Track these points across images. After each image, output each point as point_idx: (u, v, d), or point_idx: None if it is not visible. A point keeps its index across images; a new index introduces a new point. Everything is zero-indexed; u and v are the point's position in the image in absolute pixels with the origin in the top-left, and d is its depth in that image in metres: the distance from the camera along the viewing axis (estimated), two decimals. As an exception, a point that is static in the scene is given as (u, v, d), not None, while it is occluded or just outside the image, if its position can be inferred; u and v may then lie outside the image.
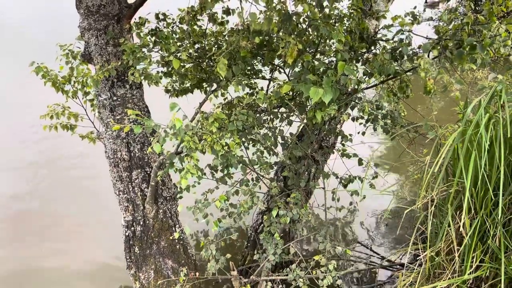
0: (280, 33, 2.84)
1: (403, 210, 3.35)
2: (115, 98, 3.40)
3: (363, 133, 3.71)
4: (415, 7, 3.18)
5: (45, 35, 10.35)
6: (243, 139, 3.47)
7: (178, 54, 3.16)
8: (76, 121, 3.70)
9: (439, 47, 2.72)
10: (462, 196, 3.04)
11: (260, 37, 2.74)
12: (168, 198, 3.60)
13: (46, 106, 3.61)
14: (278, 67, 3.78)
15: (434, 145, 3.05)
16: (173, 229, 3.60)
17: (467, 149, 2.73)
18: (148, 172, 3.49)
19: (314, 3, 2.76)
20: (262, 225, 3.97)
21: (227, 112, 3.65)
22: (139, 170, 3.48)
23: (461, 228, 2.89)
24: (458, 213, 3.13)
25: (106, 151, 3.53)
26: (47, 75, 3.46)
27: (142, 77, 3.21)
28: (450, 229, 3.02)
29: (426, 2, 15.71)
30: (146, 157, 3.49)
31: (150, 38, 3.48)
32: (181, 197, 3.73)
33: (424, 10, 14.38)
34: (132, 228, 3.53)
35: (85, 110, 3.75)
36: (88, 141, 3.77)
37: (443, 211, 3.24)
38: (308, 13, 2.65)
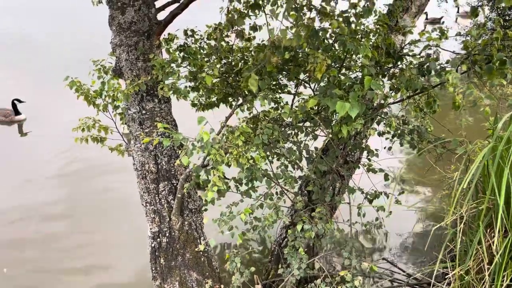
0: (307, 49, 2.87)
1: (430, 226, 3.29)
2: (144, 111, 3.49)
3: (390, 148, 3.68)
4: (442, 22, 3.17)
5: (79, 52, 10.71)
6: (268, 153, 3.49)
7: (208, 70, 3.23)
8: (106, 134, 3.80)
9: (468, 62, 2.70)
10: (493, 214, 2.97)
11: (290, 53, 2.78)
12: (193, 210, 3.64)
13: (78, 119, 3.73)
14: (303, 82, 3.81)
15: (464, 161, 3.00)
16: (198, 241, 3.63)
17: (498, 165, 2.67)
18: (175, 184, 3.55)
19: (341, 19, 2.79)
20: (286, 239, 3.96)
21: (252, 126, 3.69)
22: (166, 182, 3.54)
23: (492, 246, 2.82)
24: (488, 230, 3.06)
25: (134, 163, 3.61)
26: (80, 89, 3.58)
27: (171, 92, 3.29)
28: (481, 247, 2.94)
29: (427, 18, 15.67)
30: (173, 170, 3.55)
31: (178, 54, 3.57)
32: (206, 210, 3.77)
33: (425, 27, 14.42)
34: (158, 239, 3.58)
35: (115, 123, 3.85)
36: (117, 153, 3.86)
37: (472, 229, 3.17)
38: (337, 29, 2.68)
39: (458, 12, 17.04)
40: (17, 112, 8.49)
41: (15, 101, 8.46)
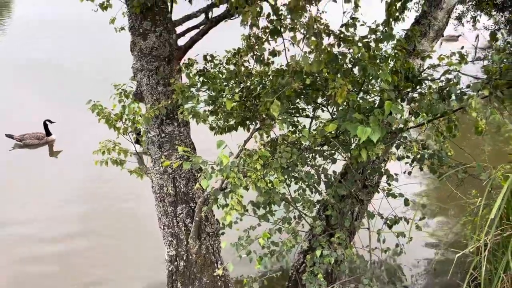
0: (326, 74, 2.89)
1: (453, 254, 3.21)
2: (163, 135, 3.53)
3: (409, 173, 3.64)
4: (462, 47, 3.17)
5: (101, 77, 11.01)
6: (286, 177, 3.48)
7: (227, 95, 3.27)
8: (125, 156, 3.83)
9: (489, 87, 2.68)
10: (518, 241, 2.90)
11: (311, 78, 2.81)
12: (211, 233, 3.62)
13: (98, 143, 3.78)
14: (321, 106, 3.82)
15: (488, 187, 2.95)
16: (215, 265, 3.60)
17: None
18: (193, 207, 3.55)
19: (360, 44, 2.81)
20: (304, 264, 3.90)
21: (269, 149, 3.69)
22: (183, 205, 3.55)
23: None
24: (513, 258, 2.97)
25: (153, 186, 3.63)
26: (102, 112, 3.64)
27: (191, 116, 3.32)
28: (506, 275, 2.86)
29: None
30: (191, 193, 3.56)
31: (198, 78, 3.63)
32: (223, 233, 3.75)
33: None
34: (175, 263, 3.56)
35: (134, 146, 3.89)
36: (136, 176, 3.88)
37: (497, 256, 3.08)
38: (358, 54, 2.70)
39: (442, 36, 16.48)
40: (48, 133, 8.72)
41: (47, 122, 8.68)
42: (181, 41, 3.62)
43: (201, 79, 3.65)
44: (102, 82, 6.15)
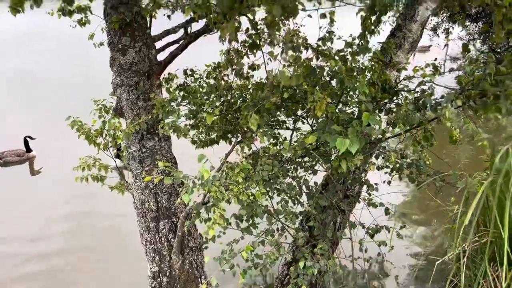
0: (305, 86, 2.94)
1: (433, 261, 3.26)
2: (144, 150, 3.51)
3: (389, 183, 3.69)
4: (435, 59, 3.26)
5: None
6: (268, 189, 3.49)
7: (208, 109, 3.29)
8: (106, 172, 3.79)
9: (462, 97, 2.76)
10: (495, 247, 2.96)
11: (290, 91, 2.85)
12: (194, 248, 3.60)
13: (79, 158, 3.73)
14: (301, 118, 3.87)
15: (465, 194, 3.01)
16: (199, 280, 3.57)
17: (499, 199, 2.68)
18: (175, 222, 3.53)
19: (337, 58, 2.87)
20: (288, 276, 3.90)
21: (251, 162, 3.71)
22: (166, 220, 3.52)
23: (496, 280, 2.79)
24: (492, 264, 3.04)
25: (134, 201, 3.59)
26: (82, 128, 3.61)
27: (171, 130, 3.32)
28: (485, 281, 2.92)
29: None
30: (173, 208, 3.54)
31: (178, 93, 3.63)
32: (206, 248, 3.73)
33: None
34: (158, 279, 3.52)
35: (115, 162, 3.85)
36: (117, 191, 3.84)
37: (476, 263, 3.14)
38: (336, 68, 2.76)
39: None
40: (28, 149, 8.58)
41: (27, 138, 8.54)
42: (161, 56, 3.63)
43: (181, 93, 3.66)
44: (83, 96, 6.09)
